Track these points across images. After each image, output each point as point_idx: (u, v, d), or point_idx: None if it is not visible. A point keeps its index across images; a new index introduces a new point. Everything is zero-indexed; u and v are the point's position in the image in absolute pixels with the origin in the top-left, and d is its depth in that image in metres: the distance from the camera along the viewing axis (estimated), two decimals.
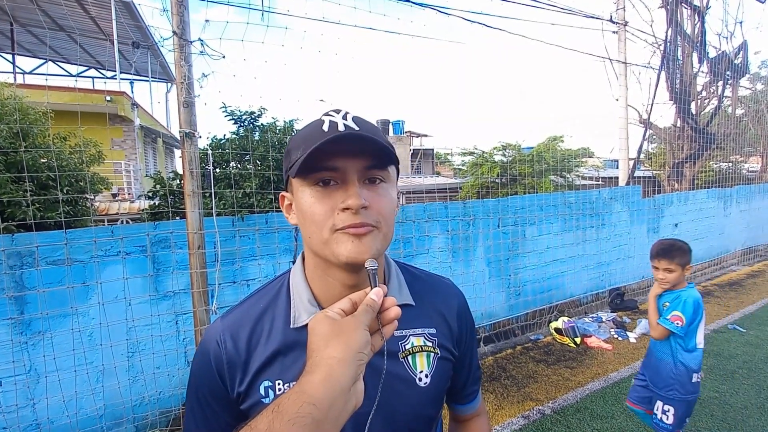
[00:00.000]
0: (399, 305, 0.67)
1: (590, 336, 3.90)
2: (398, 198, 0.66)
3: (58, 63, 12.25)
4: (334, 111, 0.60)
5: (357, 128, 0.57)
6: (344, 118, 0.58)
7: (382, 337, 0.51)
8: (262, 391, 0.61)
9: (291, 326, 0.63)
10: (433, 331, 0.70)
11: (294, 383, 0.59)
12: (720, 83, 7.29)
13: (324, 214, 0.57)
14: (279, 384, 0.61)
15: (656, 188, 6.17)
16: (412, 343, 0.67)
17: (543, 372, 3.32)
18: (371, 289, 0.52)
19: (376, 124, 0.63)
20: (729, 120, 7.94)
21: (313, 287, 0.65)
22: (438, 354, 0.69)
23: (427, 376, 0.67)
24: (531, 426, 2.60)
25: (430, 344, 0.68)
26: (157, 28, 2.54)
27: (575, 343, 3.77)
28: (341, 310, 0.50)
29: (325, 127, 0.57)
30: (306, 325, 0.61)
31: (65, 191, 2.86)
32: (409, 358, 0.66)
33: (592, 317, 4.42)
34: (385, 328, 0.51)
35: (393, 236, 0.63)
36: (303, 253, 0.69)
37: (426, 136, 23.35)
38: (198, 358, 0.65)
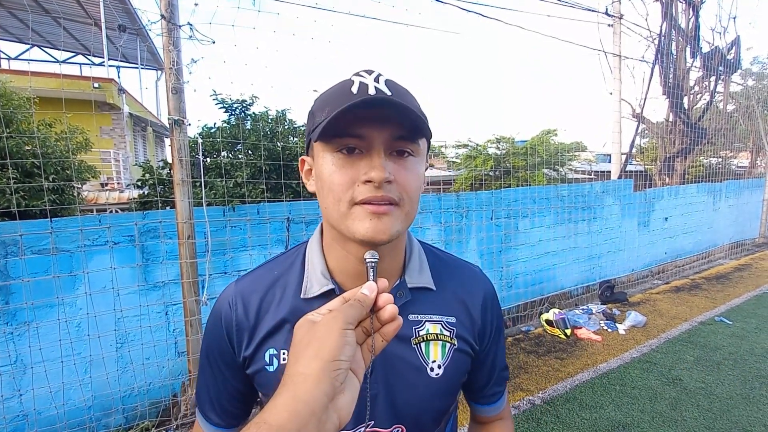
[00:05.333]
0: (417, 288, 0.65)
1: (580, 327, 3.95)
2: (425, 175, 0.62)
3: (44, 48, 11.92)
4: (366, 71, 0.55)
5: (389, 93, 0.52)
6: (376, 80, 0.53)
7: (382, 339, 0.46)
8: (266, 359, 0.60)
9: (301, 296, 0.61)
10: (452, 320, 0.65)
11: None
12: (712, 78, 7.33)
13: (344, 184, 0.52)
14: (284, 353, 0.60)
15: (647, 182, 6.22)
16: (428, 330, 0.63)
17: (533, 363, 3.36)
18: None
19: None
20: (720, 115, 8.00)
21: (329, 259, 0.63)
22: (455, 345, 0.64)
23: (439, 366, 0.63)
24: (521, 416, 2.62)
25: (447, 333, 0.64)
26: (144, 11, 2.47)
27: (565, 334, 3.81)
28: (329, 311, 0.44)
29: (354, 89, 0.52)
30: (317, 296, 0.61)
31: (51, 179, 2.79)
32: (422, 345, 0.62)
33: (583, 309, 4.46)
34: (385, 328, 0.45)
35: (416, 215, 0.59)
36: (322, 224, 0.66)
37: None
38: (210, 320, 0.66)
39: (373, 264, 0.50)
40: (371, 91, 0.52)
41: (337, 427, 0.40)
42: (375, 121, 0.51)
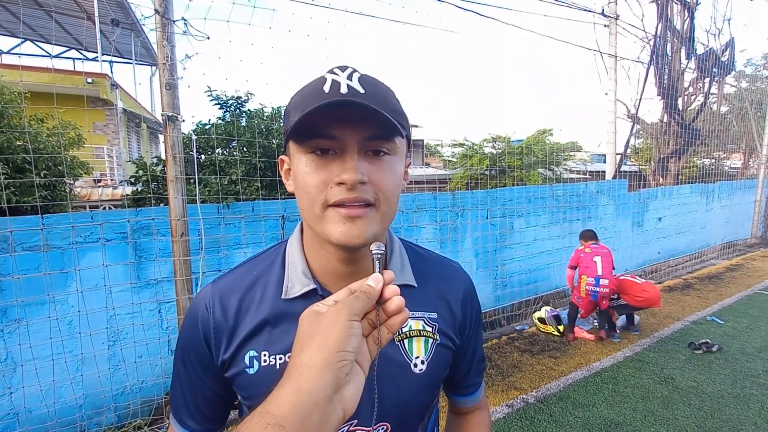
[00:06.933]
0: (399, 285, 0.63)
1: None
2: (406, 173, 0.61)
3: (36, 42, 11.76)
4: (339, 68, 0.53)
5: (362, 91, 0.51)
6: (349, 77, 0.51)
7: (388, 331, 0.45)
8: (246, 361, 0.59)
9: (282, 297, 0.60)
10: (434, 315, 0.65)
11: (281, 355, 0.58)
12: (707, 80, 7.38)
13: (317, 186, 0.51)
14: (265, 355, 0.59)
15: (642, 183, 6.27)
16: (410, 327, 0.63)
17: (527, 362, 3.37)
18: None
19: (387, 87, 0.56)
20: (714, 117, 8.07)
21: (310, 259, 0.62)
22: (437, 340, 0.65)
23: (423, 362, 0.63)
24: (515, 414, 2.63)
25: (429, 329, 0.64)
26: (138, 6, 2.44)
27: (558, 330, 3.83)
28: (335, 302, 0.44)
29: (326, 88, 0.50)
30: (299, 296, 0.60)
31: (42, 175, 2.75)
32: (406, 342, 0.62)
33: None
34: (391, 320, 0.45)
35: (395, 214, 0.58)
36: (302, 223, 0.65)
37: (416, 126, 23.29)
38: (186, 322, 0.64)
39: (379, 256, 0.49)
40: (343, 90, 0.50)
41: (341, 419, 0.39)
42: (347, 121, 0.50)
